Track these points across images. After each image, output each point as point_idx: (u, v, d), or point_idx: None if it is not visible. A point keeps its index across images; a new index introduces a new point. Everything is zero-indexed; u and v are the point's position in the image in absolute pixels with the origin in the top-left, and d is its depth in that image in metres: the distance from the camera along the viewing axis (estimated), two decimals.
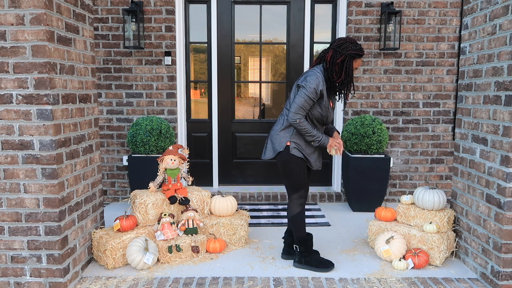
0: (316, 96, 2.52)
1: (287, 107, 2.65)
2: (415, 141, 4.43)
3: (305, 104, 2.51)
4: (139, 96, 4.36)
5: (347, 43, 2.53)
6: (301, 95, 2.50)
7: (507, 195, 2.43)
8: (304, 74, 2.59)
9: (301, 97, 2.49)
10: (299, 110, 2.51)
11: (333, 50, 2.54)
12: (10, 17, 2.23)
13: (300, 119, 2.51)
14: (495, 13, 2.57)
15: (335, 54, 2.53)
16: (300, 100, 2.50)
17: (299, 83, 2.55)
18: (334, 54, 2.54)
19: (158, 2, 4.24)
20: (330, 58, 2.55)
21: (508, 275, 2.49)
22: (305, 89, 2.49)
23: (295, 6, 4.50)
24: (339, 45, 2.54)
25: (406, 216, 3.11)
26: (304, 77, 2.55)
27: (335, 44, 2.56)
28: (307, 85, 2.49)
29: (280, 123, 2.68)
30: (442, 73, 4.35)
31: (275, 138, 2.68)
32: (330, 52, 2.55)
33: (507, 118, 2.43)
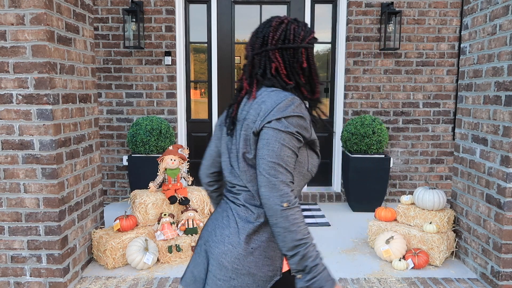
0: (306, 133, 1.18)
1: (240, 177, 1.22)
2: (415, 141, 4.43)
3: (290, 157, 1.14)
4: (139, 96, 4.36)
5: (292, 24, 1.22)
6: (279, 139, 1.11)
7: (507, 195, 2.43)
8: (255, 106, 1.19)
9: (280, 143, 1.11)
10: (283, 172, 1.11)
11: (280, 50, 1.21)
12: (10, 17, 2.22)
13: (291, 197, 1.10)
14: (495, 13, 2.57)
15: (288, 54, 1.21)
16: (280, 150, 1.11)
17: (267, 121, 1.13)
18: (286, 55, 1.21)
19: (158, 2, 4.24)
20: (285, 66, 1.22)
21: (508, 275, 2.49)
22: (285, 125, 1.12)
23: (295, 6, 4.50)
24: (283, 35, 1.20)
25: (406, 216, 3.11)
26: (270, 108, 1.14)
27: (273, 36, 1.20)
28: (286, 117, 1.13)
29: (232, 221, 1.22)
30: (442, 73, 4.35)
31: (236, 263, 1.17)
32: (277, 56, 1.21)
33: (507, 118, 2.43)
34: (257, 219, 1.18)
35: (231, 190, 1.27)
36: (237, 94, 1.29)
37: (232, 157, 1.24)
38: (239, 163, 1.21)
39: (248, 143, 1.18)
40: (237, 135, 1.22)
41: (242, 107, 1.24)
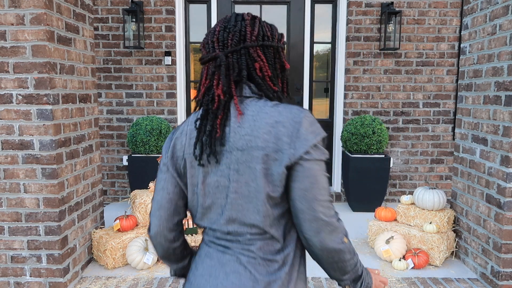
0: None
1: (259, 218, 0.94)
2: (415, 141, 4.43)
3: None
4: (139, 96, 4.36)
5: (264, 22, 1.05)
6: (323, 172, 0.96)
7: (507, 195, 2.43)
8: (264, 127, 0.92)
9: (325, 176, 0.96)
10: (332, 206, 0.96)
11: (262, 48, 1.00)
12: (10, 17, 2.22)
13: (344, 228, 0.99)
14: (495, 13, 2.58)
15: (269, 53, 1.01)
16: (327, 183, 0.96)
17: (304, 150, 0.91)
18: (268, 54, 1.01)
19: (158, 2, 4.24)
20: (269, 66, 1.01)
21: (508, 275, 2.49)
22: (322, 151, 0.96)
23: (295, 6, 4.50)
24: (262, 31, 1.00)
25: (406, 216, 3.11)
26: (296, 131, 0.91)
27: (251, 31, 0.99)
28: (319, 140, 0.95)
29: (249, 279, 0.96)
30: (442, 73, 4.35)
31: None
32: (259, 54, 0.99)
33: (507, 118, 2.43)
34: (282, 266, 0.96)
35: (233, 240, 0.97)
36: (207, 108, 0.95)
37: (238, 197, 0.93)
38: (259, 206, 0.92)
39: (272, 180, 0.90)
40: (242, 169, 0.91)
41: (228, 128, 0.93)
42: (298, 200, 0.91)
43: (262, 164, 0.90)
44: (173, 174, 1.01)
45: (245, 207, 0.94)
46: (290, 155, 0.89)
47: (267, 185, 0.91)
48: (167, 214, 1.03)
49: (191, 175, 0.98)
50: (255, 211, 0.93)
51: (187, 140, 0.99)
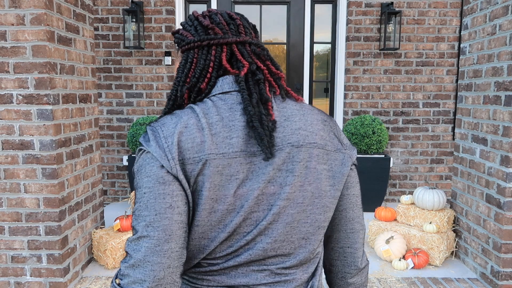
0: None
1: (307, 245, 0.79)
2: (415, 141, 4.44)
3: None
4: (139, 96, 4.36)
5: None
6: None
7: (507, 195, 2.43)
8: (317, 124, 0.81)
9: None
10: None
11: None
12: (10, 17, 2.23)
13: None
14: (495, 13, 2.58)
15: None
16: None
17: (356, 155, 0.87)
18: None
19: (158, 2, 4.24)
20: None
21: (507, 275, 2.49)
22: None
23: (295, 6, 4.50)
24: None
25: (406, 216, 3.11)
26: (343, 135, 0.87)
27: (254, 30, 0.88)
28: None
29: None
30: (442, 73, 4.35)
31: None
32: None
33: (507, 118, 2.43)
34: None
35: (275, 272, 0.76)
36: (253, 92, 0.76)
37: (290, 206, 0.74)
38: (316, 216, 0.76)
39: (334, 183, 0.78)
40: (298, 169, 0.74)
41: (280, 121, 0.77)
42: (351, 209, 0.82)
43: (321, 164, 0.76)
44: (184, 185, 0.70)
45: (296, 218, 0.74)
46: (349, 155, 0.80)
47: (327, 190, 0.77)
48: (179, 247, 0.70)
49: (214, 185, 0.70)
50: (309, 222, 0.76)
51: (208, 137, 0.71)
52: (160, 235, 0.68)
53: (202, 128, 0.72)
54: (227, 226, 0.71)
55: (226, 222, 0.71)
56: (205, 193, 0.70)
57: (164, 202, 0.69)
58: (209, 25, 0.80)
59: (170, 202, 0.69)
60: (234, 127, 0.72)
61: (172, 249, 0.69)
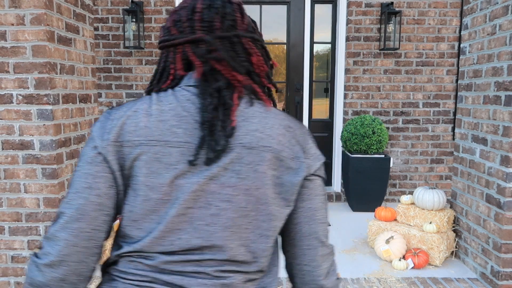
0: None
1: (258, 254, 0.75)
2: (415, 141, 4.44)
3: None
4: (139, 96, 4.36)
5: None
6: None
7: (506, 195, 2.43)
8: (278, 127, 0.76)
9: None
10: None
11: (253, 41, 0.81)
12: (10, 17, 2.23)
13: None
14: (495, 13, 2.58)
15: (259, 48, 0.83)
16: None
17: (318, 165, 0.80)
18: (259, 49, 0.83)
19: (158, 2, 4.24)
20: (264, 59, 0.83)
21: (507, 275, 2.49)
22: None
23: (295, 6, 4.50)
24: (250, 22, 0.83)
25: (406, 216, 3.11)
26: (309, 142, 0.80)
27: (242, 19, 0.79)
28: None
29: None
30: (442, 73, 4.35)
31: None
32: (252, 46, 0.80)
33: (507, 118, 2.43)
34: None
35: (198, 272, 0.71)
36: (217, 92, 0.73)
37: (231, 210, 0.70)
38: (259, 223, 0.72)
39: (282, 192, 0.73)
40: (244, 171, 0.70)
41: (239, 121, 0.73)
42: (307, 223, 0.77)
43: (272, 170, 0.72)
44: (113, 167, 0.69)
45: (236, 224, 0.71)
46: (307, 165, 0.75)
47: (275, 198, 0.73)
48: (90, 228, 0.69)
49: (150, 171, 0.68)
50: (250, 228, 0.72)
51: (154, 123, 0.70)
52: (72, 213, 0.68)
53: (151, 114, 0.71)
54: (162, 218, 0.69)
55: (160, 214, 0.69)
56: (140, 178, 0.69)
57: (85, 182, 0.69)
58: (168, 26, 0.79)
59: (91, 182, 0.69)
60: (185, 118, 0.70)
61: (81, 229, 0.68)
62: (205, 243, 0.70)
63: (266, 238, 0.73)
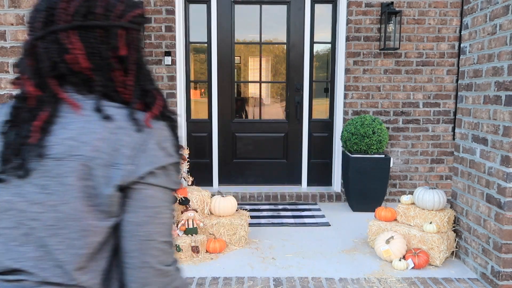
0: None
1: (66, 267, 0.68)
2: (415, 141, 4.43)
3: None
4: None
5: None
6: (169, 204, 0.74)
7: (507, 195, 2.43)
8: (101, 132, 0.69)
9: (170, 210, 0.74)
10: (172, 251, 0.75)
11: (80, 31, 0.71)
12: (10, 17, 2.23)
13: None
14: (495, 13, 2.58)
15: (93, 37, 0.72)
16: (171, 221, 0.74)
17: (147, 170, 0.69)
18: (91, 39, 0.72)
19: (158, 2, 4.24)
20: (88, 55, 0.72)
21: (508, 275, 2.49)
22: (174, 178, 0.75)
23: (295, 6, 4.50)
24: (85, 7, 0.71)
25: (406, 216, 3.11)
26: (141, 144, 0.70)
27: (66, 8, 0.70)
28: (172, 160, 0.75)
29: None
30: (442, 73, 4.35)
31: None
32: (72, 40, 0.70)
33: (507, 118, 2.43)
34: None
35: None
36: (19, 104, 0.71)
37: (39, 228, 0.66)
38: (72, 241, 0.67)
39: (98, 204, 0.67)
40: (52, 186, 0.66)
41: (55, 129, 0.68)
42: (127, 239, 0.68)
43: (83, 181, 0.66)
44: None
45: (47, 243, 0.66)
46: (127, 172, 0.66)
47: (88, 211, 0.66)
48: None
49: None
50: (62, 248, 0.66)
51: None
52: None
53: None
54: None
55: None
56: None
57: None
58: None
59: None
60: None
61: None
62: (17, 265, 0.66)
63: (85, 257, 0.67)
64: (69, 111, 0.70)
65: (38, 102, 0.69)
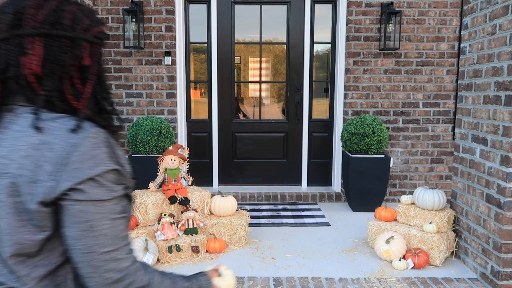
0: None
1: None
2: (415, 141, 4.44)
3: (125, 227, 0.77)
4: (139, 96, 4.36)
5: (70, 5, 0.78)
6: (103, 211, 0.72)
7: (507, 195, 2.43)
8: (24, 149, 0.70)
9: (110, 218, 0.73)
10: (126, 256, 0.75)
11: (46, 39, 0.74)
12: None
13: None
14: (495, 13, 2.58)
15: (58, 46, 0.75)
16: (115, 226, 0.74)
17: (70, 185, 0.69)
18: (55, 47, 0.75)
19: (158, 2, 4.24)
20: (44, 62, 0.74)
21: (508, 275, 2.49)
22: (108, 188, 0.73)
23: (295, 6, 4.50)
24: (54, 16, 0.75)
25: (406, 216, 3.11)
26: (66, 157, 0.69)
27: (35, 14, 0.73)
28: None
29: None
30: (442, 73, 4.35)
31: None
32: (36, 45, 0.73)
33: (507, 118, 2.43)
34: None
35: None
36: None
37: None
38: (8, 259, 0.71)
39: (28, 219, 0.69)
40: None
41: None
42: (70, 251, 0.71)
43: (12, 198, 0.69)
44: None
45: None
46: (47, 188, 0.67)
47: (21, 226, 0.69)
48: None
49: None
50: (4, 258, 0.70)
51: None
52: None
53: None
54: None
55: None
56: None
57: None
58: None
59: None
60: None
61: None
62: None
63: (20, 265, 0.72)
64: (5, 125, 0.72)
65: None
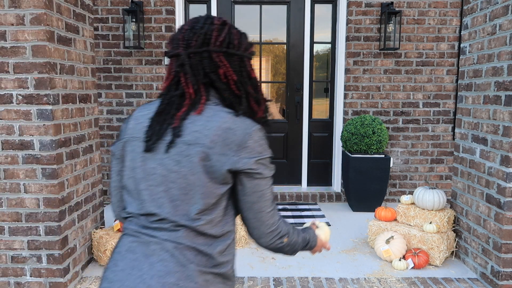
0: None
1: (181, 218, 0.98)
2: (415, 141, 4.43)
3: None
4: (139, 96, 4.36)
5: (234, 29, 1.06)
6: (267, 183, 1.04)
7: (507, 195, 2.43)
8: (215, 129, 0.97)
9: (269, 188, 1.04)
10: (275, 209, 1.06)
11: (225, 55, 1.03)
12: (10, 17, 2.23)
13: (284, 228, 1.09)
14: (495, 13, 2.58)
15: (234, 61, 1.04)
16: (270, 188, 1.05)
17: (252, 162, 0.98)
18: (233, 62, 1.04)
19: (158, 2, 4.24)
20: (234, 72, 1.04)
21: (508, 275, 2.49)
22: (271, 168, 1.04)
23: (295, 6, 4.50)
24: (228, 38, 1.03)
25: (406, 216, 3.11)
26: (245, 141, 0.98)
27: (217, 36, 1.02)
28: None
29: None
30: (442, 73, 4.35)
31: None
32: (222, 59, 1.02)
33: (507, 118, 2.43)
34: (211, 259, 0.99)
35: (160, 228, 0.98)
36: (170, 101, 1.01)
37: (174, 188, 0.96)
38: (196, 199, 0.96)
39: (214, 177, 0.96)
40: (183, 161, 0.95)
41: (186, 123, 0.97)
42: (245, 211, 1.02)
43: (205, 161, 0.95)
44: (116, 155, 1.09)
45: (180, 198, 0.97)
46: (233, 161, 0.96)
47: (208, 180, 0.96)
48: (116, 200, 1.13)
49: (130, 158, 1.03)
50: (190, 204, 0.97)
51: (133, 124, 1.05)
52: (111, 180, 1.13)
53: (135, 117, 1.06)
54: (135, 190, 1.02)
55: (135, 187, 1.01)
56: (126, 163, 1.04)
57: (111, 164, 1.12)
58: (169, 40, 1.07)
59: (112, 165, 1.11)
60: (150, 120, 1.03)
61: (113, 202, 1.14)
62: (157, 211, 0.97)
63: (200, 210, 0.97)
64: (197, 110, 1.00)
65: (190, 101, 0.99)
